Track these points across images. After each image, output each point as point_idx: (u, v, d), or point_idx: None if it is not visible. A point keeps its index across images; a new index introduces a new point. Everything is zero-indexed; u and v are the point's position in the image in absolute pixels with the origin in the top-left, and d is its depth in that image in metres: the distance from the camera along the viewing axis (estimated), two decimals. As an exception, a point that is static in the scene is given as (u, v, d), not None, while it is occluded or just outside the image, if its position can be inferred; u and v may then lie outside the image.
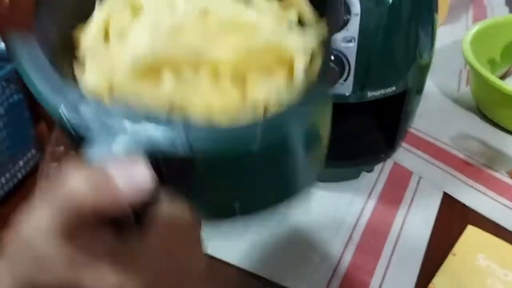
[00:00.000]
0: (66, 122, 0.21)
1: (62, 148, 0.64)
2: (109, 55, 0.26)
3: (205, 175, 0.22)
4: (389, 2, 0.43)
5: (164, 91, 0.24)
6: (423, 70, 0.51)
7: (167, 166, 0.20)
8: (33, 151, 1.46)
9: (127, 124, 0.20)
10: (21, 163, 1.43)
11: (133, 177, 0.20)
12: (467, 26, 0.88)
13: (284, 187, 0.26)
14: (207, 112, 0.24)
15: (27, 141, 1.47)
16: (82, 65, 0.27)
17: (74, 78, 0.26)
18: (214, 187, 0.23)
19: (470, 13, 0.93)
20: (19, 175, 1.31)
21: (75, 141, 0.21)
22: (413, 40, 0.46)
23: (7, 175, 1.36)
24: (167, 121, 0.20)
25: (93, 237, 0.20)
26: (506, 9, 0.94)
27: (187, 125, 0.20)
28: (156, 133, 0.20)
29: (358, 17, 0.42)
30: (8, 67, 1.04)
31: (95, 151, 0.20)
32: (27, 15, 0.77)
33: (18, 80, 1.14)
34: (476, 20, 0.90)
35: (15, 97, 1.44)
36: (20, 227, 0.20)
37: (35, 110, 0.86)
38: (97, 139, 0.20)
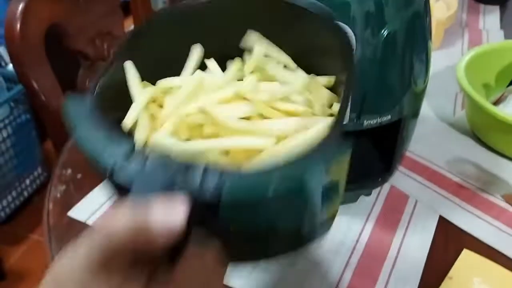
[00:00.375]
0: (114, 172, 0.24)
1: (69, 171, 0.66)
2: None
3: (230, 218, 0.24)
4: (384, 34, 0.44)
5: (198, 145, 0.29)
6: (418, 97, 0.53)
7: (199, 209, 0.23)
8: (39, 169, 1.48)
9: (167, 173, 0.23)
10: (27, 181, 1.45)
11: (169, 220, 0.22)
12: (463, 50, 0.91)
13: (301, 234, 0.28)
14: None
15: (34, 160, 1.49)
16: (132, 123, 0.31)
17: (123, 134, 0.30)
18: (237, 229, 0.26)
19: (466, 37, 0.95)
20: (26, 193, 1.31)
21: (121, 189, 0.24)
22: (408, 68, 0.48)
23: (14, 193, 1.38)
24: (203, 169, 0.23)
25: (126, 277, 0.21)
26: (501, 33, 0.96)
27: (219, 172, 0.23)
28: (191, 180, 0.23)
29: (354, 51, 0.44)
30: (16, 88, 1.08)
31: (137, 197, 0.23)
32: (36, 44, 0.80)
33: (25, 101, 1.17)
34: (472, 44, 0.92)
35: (23, 117, 1.47)
36: (57, 265, 0.22)
37: (42, 130, 0.88)
38: (140, 186, 0.23)
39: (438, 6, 0.96)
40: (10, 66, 0.76)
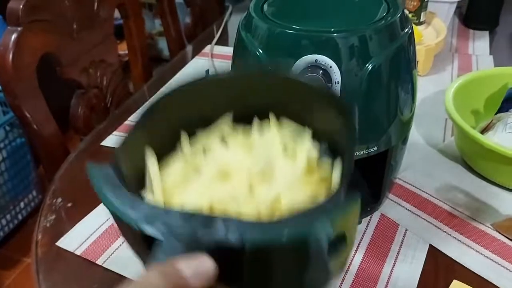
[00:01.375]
0: (138, 230, 0.26)
1: (60, 199, 0.66)
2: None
3: (248, 265, 0.27)
4: (368, 69, 0.45)
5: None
6: (405, 125, 0.53)
7: (222, 257, 0.25)
8: (34, 192, 1.48)
9: (190, 229, 0.25)
10: (22, 204, 1.44)
11: (198, 270, 0.24)
12: (452, 75, 0.92)
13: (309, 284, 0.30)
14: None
15: (29, 183, 1.49)
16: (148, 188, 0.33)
17: (140, 196, 0.33)
18: (251, 277, 0.28)
19: (456, 63, 0.96)
20: (20, 216, 1.31)
21: (144, 246, 0.26)
22: (394, 100, 0.49)
23: (8, 216, 1.37)
24: (223, 222, 0.25)
25: None
26: (490, 58, 0.97)
27: (238, 224, 0.26)
28: (215, 231, 0.25)
29: (339, 85, 0.45)
30: (12, 112, 1.06)
31: (164, 253, 0.25)
32: (29, 75, 0.81)
33: (20, 125, 1.16)
34: (461, 69, 0.93)
35: (18, 141, 1.48)
36: None
37: (37, 154, 0.88)
38: (165, 243, 0.25)
39: (427, 32, 0.98)
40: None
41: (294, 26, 0.45)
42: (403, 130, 0.53)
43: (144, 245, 0.27)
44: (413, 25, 0.94)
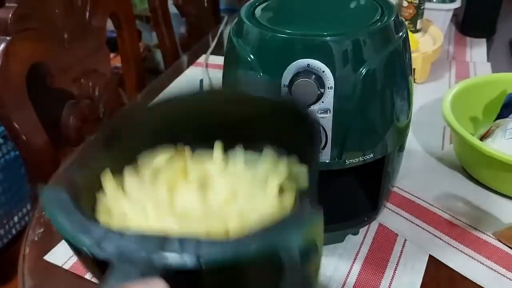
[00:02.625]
0: (91, 255, 0.25)
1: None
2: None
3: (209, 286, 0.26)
4: (362, 73, 0.44)
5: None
6: (402, 132, 0.52)
7: (179, 280, 0.24)
8: (28, 206, 1.46)
9: (143, 253, 0.24)
10: (16, 218, 1.42)
11: None
12: (450, 83, 0.91)
13: None
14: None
15: (23, 197, 1.47)
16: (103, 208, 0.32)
17: (94, 218, 0.31)
18: None
19: (453, 70, 0.95)
20: (14, 231, 1.29)
21: (99, 270, 0.26)
22: (389, 105, 0.47)
23: (2, 230, 1.34)
24: (179, 244, 0.24)
25: None
26: (488, 66, 0.96)
27: (195, 242, 0.24)
28: (166, 258, 0.24)
29: (332, 90, 0.43)
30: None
31: (117, 278, 0.24)
32: (17, 84, 0.79)
33: (14, 138, 1.14)
34: (459, 76, 0.92)
35: (12, 154, 1.46)
36: None
37: (31, 167, 0.87)
38: (117, 267, 0.24)
39: (424, 39, 0.97)
40: None
41: (285, 30, 0.44)
42: (399, 137, 0.52)
43: (98, 270, 0.26)
44: (410, 33, 0.94)
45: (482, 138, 0.66)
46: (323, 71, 0.43)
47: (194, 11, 1.34)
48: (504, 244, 0.54)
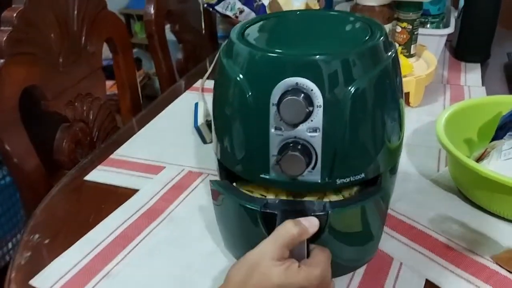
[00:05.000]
0: (262, 213, 0.48)
1: (37, 236, 0.63)
2: None
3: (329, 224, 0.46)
4: (351, 92, 0.43)
5: None
6: (393, 154, 0.52)
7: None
8: (22, 232, 1.40)
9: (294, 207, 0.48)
10: (10, 244, 1.40)
11: (311, 222, 0.44)
12: (445, 106, 0.90)
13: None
14: None
15: (17, 222, 1.45)
16: None
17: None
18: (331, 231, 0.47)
19: (448, 94, 0.95)
20: (7, 257, 1.26)
21: (264, 224, 0.48)
22: (379, 126, 0.47)
23: (-5, 257, 1.28)
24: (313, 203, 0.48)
25: (290, 259, 0.42)
26: (483, 89, 0.97)
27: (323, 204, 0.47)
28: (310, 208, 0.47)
29: (321, 108, 0.43)
30: None
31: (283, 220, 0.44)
32: (10, 106, 0.78)
33: (6, 161, 1.13)
34: (453, 100, 0.92)
35: (7, 179, 1.45)
36: (249, 255, 0.42)
37: (23, 191, 0.86)
38: (280, 216, 0.46)
39: (418, 64, 0.97)
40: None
41: (274, 50, 0.44)
42: (391, 158, 0.51)
43: (264, 223, 0.47)
44: (403, 57, 0.95)
45: (478, 160, 0.66)
46: (312, 90, 0.42)
47: (191, 38, 1.36)
48: (502, 267, 0.53)
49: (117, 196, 0.69)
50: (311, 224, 0.44)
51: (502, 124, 0.68)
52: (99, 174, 0.74)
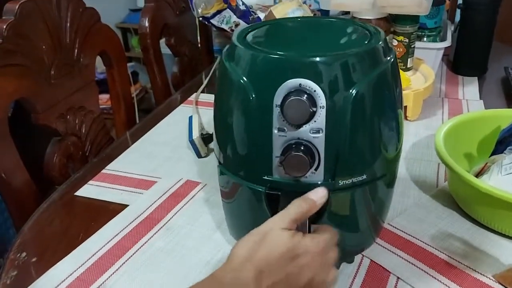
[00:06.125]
0: (266, 192, 0.50)
1: (24, 254, 0.60)
2: None
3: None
4: (353, 93, 0.44)
5: None
6: (391, 163, 0.51)
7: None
8: (9, 250, 1.37)
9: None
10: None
11: (318, 194, 0.45)
12: (443, 120, 0.89)
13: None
14: None
15: (7, 243, 1.43)
16: None
17: None
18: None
19: (446, 108, 0.94)
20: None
21: (269, 204, 0.50)
22: (377, 134, 0.47)
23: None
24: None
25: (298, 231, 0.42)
26: (481, 103, 0.96)
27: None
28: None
29: (324, 109, 0.43)
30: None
31: (287, 200, 0.44)
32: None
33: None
34: (452, 114, 0.91)
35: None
36: (256, 230, 0.41)
37: (12, 207, 0.83)
38: (284, 196, 0.48)
39: (415, 77, 0.96)
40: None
41: (277, 52, 0.45)
42: (388, 166, 0.51)
43: (269, 204, 0.48)
44: (400, 71, 0.94)
45: (478, 175, 0.64)
46: (315, 90, 0.43)
47: (187, 51, 1.35)
48: (505, 287, 0.51)
49: (109, 212, 0.67)
50: (318, 196, 0.44)
51: (502, 138, 0.66)
52: (91, 189, 0.72)
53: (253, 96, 0.45)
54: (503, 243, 0.57)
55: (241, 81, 0.46)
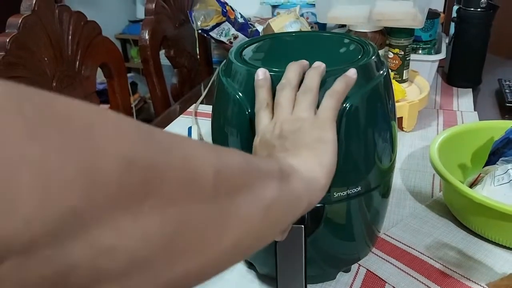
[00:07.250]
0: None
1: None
2: None
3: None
4: (346, 108, 0.44)
5: None
6: (385, 174, 0.52)
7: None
8: None
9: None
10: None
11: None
12: (438, 131, 0.91)
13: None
14: None
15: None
16: None
17: None
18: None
19: (441, 119, 0.96)
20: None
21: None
22: (371, 146, 0.48)
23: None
24: None
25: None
26: (475, 114, 0.97)
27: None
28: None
29: None
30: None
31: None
32: None
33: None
34: (447, 125, 0.92)
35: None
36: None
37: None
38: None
39: (410, 89, 0.98)
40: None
41: (272, 68, 0.46)
42: (382, 179, 0.51)
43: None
44: (396, 83, 0.95)
45: (472, 185, 0.65)
46: None
47: (186, 63, 1.37)
48: (498, 295, 0.52)
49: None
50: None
51: (495, 150, 0.68)
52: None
53: (249, 111, 0.46)
54: (497, 252, 0.58)
55: (237, 96, 0.47)
